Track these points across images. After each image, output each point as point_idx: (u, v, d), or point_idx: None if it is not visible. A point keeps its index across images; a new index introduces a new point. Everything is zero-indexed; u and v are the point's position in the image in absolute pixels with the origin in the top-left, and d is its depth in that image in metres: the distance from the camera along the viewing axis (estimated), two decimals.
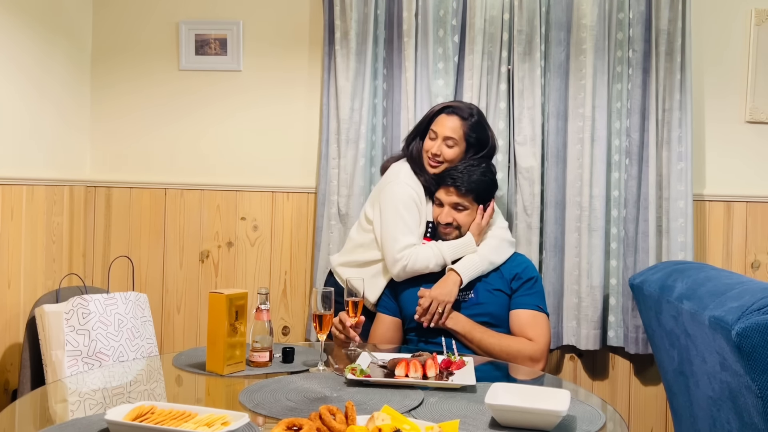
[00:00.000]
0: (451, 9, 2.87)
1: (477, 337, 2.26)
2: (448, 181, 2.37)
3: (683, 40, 2.79)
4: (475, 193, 2.37)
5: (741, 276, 1.93)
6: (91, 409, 1.62)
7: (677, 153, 2.80)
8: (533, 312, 2.31)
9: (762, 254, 2.94)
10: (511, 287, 2.35)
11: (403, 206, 2.37)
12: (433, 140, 2.41)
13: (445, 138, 2.39)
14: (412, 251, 2.34)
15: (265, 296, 2.01)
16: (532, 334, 2.28)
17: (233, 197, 3.09)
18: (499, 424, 1.50)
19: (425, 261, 2.34)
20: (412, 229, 2.37)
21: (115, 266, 2.92)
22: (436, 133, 2.41)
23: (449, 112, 2.42)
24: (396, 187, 2.40)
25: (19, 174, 2.66)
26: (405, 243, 2.34)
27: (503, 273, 2.38)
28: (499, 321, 2.32)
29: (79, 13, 3.07)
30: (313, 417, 1.38)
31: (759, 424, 1.60)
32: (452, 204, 2.38)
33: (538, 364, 2.24)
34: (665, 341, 2.12)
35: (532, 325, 2.29)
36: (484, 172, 2.41)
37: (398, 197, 2.38)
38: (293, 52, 3.07)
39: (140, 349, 2.48)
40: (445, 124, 2.41)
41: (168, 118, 3.12)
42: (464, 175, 2.36)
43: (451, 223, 2.38)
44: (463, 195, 2.36)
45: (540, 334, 2.28)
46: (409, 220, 2.37)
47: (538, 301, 2.35)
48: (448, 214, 2.38)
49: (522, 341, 2.26)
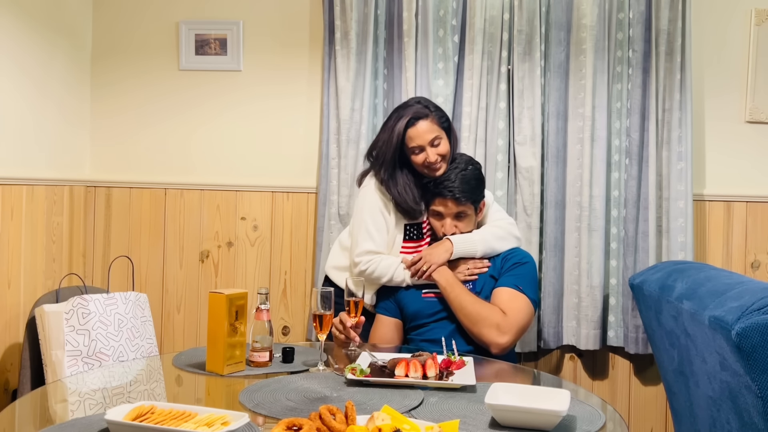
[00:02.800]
0: (451, 9, 2.87)
1: (456, 292, 2.29)
2: (446, 193, 2.35)
3: (683, 40, 2.79)
4: (473, 198, 2.39)
5: (741, 276, 1.92)
6: (91, 409, 1.62)
7: (677, 153, 2.80)
8: (512, 291, 2.30)
9: (762, 254, 2.94)
10: (500, 271, 2.36)
11: (369, 213, 2.38)
12: (419, 154, 2.34)
13: (430, 143, 2.34)
14: (375, 258, 2.36)
15: (265, 296, 2.01)
16: (506, 308, 2.27)
17: (233, 197, 3.09)
18: (499, 424, 1.50)
19: (385, 271, 2.36)
20: (374, 236, 2.37)
21: (115, 266, 2.92)
22: (419, 147, 2.33)
23: (412, 123, 2.34)
24: (366, 194, 2.41)
25: (19, 174, 2.66)
26: (363, 248, 2.36)
27: (496, 261, 2.39)
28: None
29: (80, 12, 3.07)
30: (313, 417, 1.38)
31: (759, 424, 1.60)
32: (453, 215, 2.38)
33: (503, 336, 2.22)
34: (665, 341, 2.12)
35: (508, 301, 2.28)
36: (475, 173, 2.41)
37: (366, 203, 2.40)
38: (293, 52, 3.07)
39: (140, 349, 2.48)
40: (419, 134, 2.33)
41: (168, 118, 3.12)
42: (459, 184, 2.35)
43: (455, 233, 2.39)
44: (463, 204, 2.37)
45: (514, 309, 2.27)
46: (371, 226, 2.37)
47: (519, 282, 2.33)
48: (451, 225, 2.38)
49: (495, 309, 2.26)
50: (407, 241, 2.43)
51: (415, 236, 2.44)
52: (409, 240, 2.43)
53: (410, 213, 2.39)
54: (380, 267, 2.36)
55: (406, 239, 2.43)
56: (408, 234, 2.43)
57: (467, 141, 2.85)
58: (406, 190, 2.37)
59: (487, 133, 2.88)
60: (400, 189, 2.37)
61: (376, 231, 2.38)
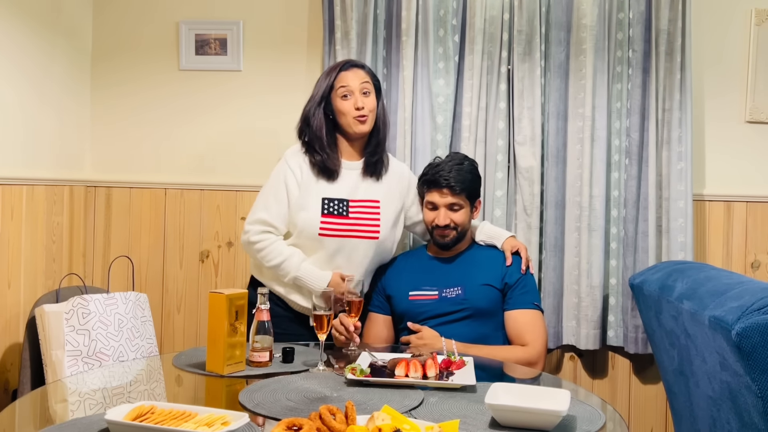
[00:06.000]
0: (451, 9, 2.87)
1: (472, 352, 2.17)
2: (441, 182, 2.37)
3: (683, 40, 2.79)
4: (468, 190, 2.39)
5: (741, 276, 1.93)
6: (91, 409, 1.62)
7: (677, 153, 2.80)
8: (529, 312, 2.32)
9: (762, 254, 2.94)
10: (506, 283, 2.36)
11: (272, 182, 2.40)
12: (348, 98, 2.34)
13: (361, 88, 2.35)
14: (270, 238, 2.34)
15: (265, 296, 2.01)
16: (529, 338, 2.29)
17: (233, 197, 3.09)
18: (499, 424, 1.50)
19: (274, 256, 2.33)
20: (270, 207, 2.36)
21: (115, 266, 2.92)
22: (347, 88, 2.34)
23: (349, 67, 2.38)
24: (278, 165, 2.42)
25: (19, 174, 2.66)
26: (257, 216, 2.36)
27: (494, 269, 2.39)
28: (485, 315, 2.34)
29: (80, 13, 3.07)
30: (313, 417, 1.38)
31: (759, 424, 1.60)
32: (448, 205, 2.38)
33: (536, 366, 2.25)
34: (665, 341, 2.12)
35: (529, 328, 2.31)
36: (471, 169, 2.43)
37: (273, 173, 2.41)
38: (293, 52, 3.07)
39: (140, 349, 2.48)
40: (355, 78, 2.36)
41: (168, 118, 3.12)
42: (455, 174, 2.37)
43: (449, 225, 2.38)
44: (457, 194, 2.37)
45: (536, 338, 2.30)
46: (270, 197, 2.37)
47: (534, 298, 2.36)
48: (446, 216, 2.38)
49: (516, 350, 2.27)
50: (326, 215, 2.35)
51: (336, 211, 2.37)
52: (328, 215, 2.35)
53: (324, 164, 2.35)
54: (272, 250, 2.33)
55: (324, 213, 2.35)
56: (326, 208, 2.36)
57: (467, 141, 2.85)
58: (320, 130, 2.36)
59: (487, 133, 2.88)
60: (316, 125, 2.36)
61: (275, 201, 2.36)
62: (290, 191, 2.37)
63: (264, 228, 2.36)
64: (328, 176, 2.37)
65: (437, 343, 2.24)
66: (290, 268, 2.34)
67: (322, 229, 2.35)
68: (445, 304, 2.36)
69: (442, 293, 2.37)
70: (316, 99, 2.39)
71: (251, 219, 2.37)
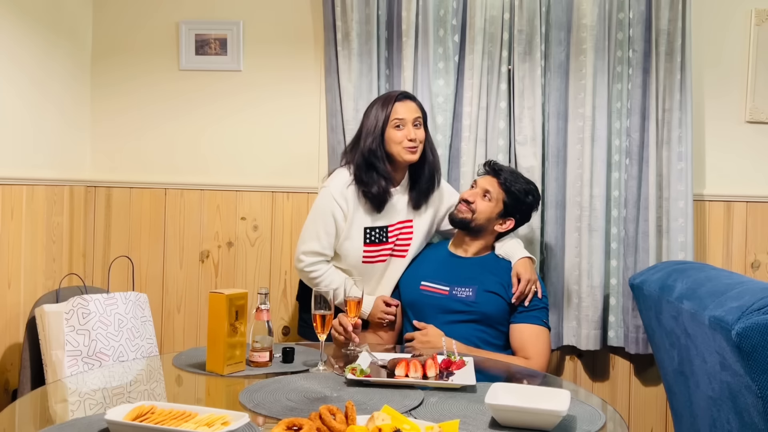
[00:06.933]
0: (451, 9, 2.87)
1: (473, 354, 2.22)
2: (496, 168, 2.46)
3: (683, 40, 2.79)
4: (509, 195, 2.42)
5: (741, 276, 1.93)
6: (91, 409, 1.62)
7: (677, 153, 2.80)
8: (535, 327, 2.33)
9: (762, 254, 2.94)
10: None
11: (321, 214, 2.44)
12: (401, 129, 2.40)
13: (414, 120, 2.41)
14: (323, 267, 2.44)
15: (265, 296, 2.01)
16: (532, 352, 2.30)
17: (233, 197, 3.09)
18: (499, 424, 1.50)
19: (329, 281, 2.43)
20: (321, 238, 2.43)
21: (115, 266, 2.92)
22: (402, 120, 2.40)
23: (402, 98, 2.44)
24: (322, 194, 2.45)
25: (19, 174, 2.66)
26: (309, 247, 2.43)
27: (503, 278, 2.39)
28: (491, 322, 2.35)
29: (80, 13, 3.07)
30: (313, 417, 1.38)
31: (759, 424, 1.60)
32: (484, 189, 2.43)
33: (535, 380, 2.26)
34: (665, 341, 2.12)
35: (533, 342, 2.31)
36: (529, 191, 2.46)
37: (318, 204, 2.45)
38: (293, 52, 3.07)
39: (140, 349, 2.48)
40: (408, 109, 2.42)
41: (168, 118, 3.12)
42: (512, 176, 2.46)
43: (471, 203, 2.42)
44: (499, 186, 2.42)
45: (539, 353, 2.30)
46: (321, 228, 2.43)
47: (543, 315, 2.36)
48: (474, 194, 2.44)
49: (518, 361, 2.28)
50: (368, 245, 2.46)
51: (377, 239, 2.46)
52: (370, 243, 2.46)
53: (378, 196, 2.40)
54: (325, 277, 2.43)
55: (366, 242, 2.45)
56: (368, 237, 2.45)
57: (468, 141, 2.85)
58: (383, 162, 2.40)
59: (488, 133, 2.88)
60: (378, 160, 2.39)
61: (324, 233, 2.43)
62: (338, 224, 2.43)
63: (316, 259, 2.45)
64: (378, 207, 2.44)
65: (440, 342, 2.25)
66: (340, 295, 2.36)
67: (366, 256, 2.47)
68: (454, 302, 2.36)
69: (453, 290, 2.38)
70: (377, 132, 2.41)
71: (304, 249, 2.45)
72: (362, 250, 2.45)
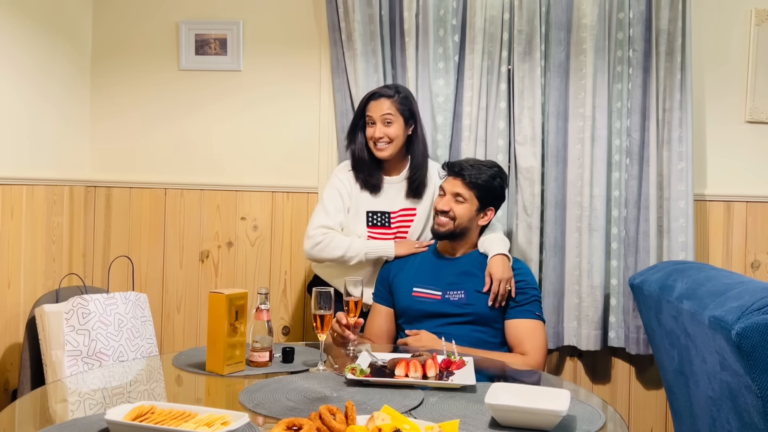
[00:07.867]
0: (452, 8, 2.87)
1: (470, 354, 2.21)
2: (456, 169, 2.40)
3: (683, 40, 2.79)
4: (479, 189, 2.38)
5: (741, 276, 1.92)
6: (91, 409, 1.62)
7: (678, 153, 2.80)
8: (530, 322, 2.31)
9: (762, 254, 2.94)
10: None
11: (327, 194, 2.58)
12: (372, 126, 2.52)
13: (382, 118, 2.50)
14: (329, 233, 2.52)
15: (265, 296, 2.00)
16: (528, 347, 2.28)
17: (233, 197, 3.09)
18: (499, 424, 1.49)
19: (339, 247, 2.50)
20: (329, 212, 2.54)
21: (115, 266, 2.92)
22: (372, 118, 2.52)
23: (375, 98, 2.54)
24: (331, 177, 2.64)
25: (19, 174, 2.66)
26: (318, 223, 2.53)
27: None
28: (486, 321, 2.34)
29: (80, 13, 3.07)
30: (313, 417, 1.38)
31: (759, 424, 1.60)
32: (454, 193, 2.39)
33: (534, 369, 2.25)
34: (665, 341, 2.12)
35: (529, 337, 2.30)
36: (493, 174, 2.41)
37: (328, 185, 2.62)
38: (293, 52, 3.07)
39: (140, 349, 2.48)
40: (378, 107, 2.52)
41: (168, 118, 3.12)
42: (473, 169, 2.39)
43: (447, 212, 2.38)
44: (466, 186, 2.37)
45: (535, 347, 2.29)
46: (328, 205, 2.55)
47: (537, 309, 2.35)
48: (447, 202, 2.39)
49: (515, 358, 2.26)
50: (372, 227, 2.57)
51: (379, 223, 2.57)
52: (373, 226, 2.57)
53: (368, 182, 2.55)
54: (333, 243, 2.50)
55: (369, 225, 2.56)
56: (371, 220, 2.56)
57: (467, 141, 2.85)
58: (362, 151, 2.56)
59: (488, 133, 2.88)
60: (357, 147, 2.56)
61: (333, 209, 2.54)
62: (343, 199, 2.57)
63: (324, 231, 2.53)
64: (371, 190, 2.58)
65: (436, 345, 2.24)
66: (357, 249, 2.51)
67: (370, 238, 2.56)
68: (447, 306, 2.35)
69: (445, 294, 2.37)
70: (355, 123, 2.60)
71: (313, 226, 2.54)
72: (366, 232, 2.56)
